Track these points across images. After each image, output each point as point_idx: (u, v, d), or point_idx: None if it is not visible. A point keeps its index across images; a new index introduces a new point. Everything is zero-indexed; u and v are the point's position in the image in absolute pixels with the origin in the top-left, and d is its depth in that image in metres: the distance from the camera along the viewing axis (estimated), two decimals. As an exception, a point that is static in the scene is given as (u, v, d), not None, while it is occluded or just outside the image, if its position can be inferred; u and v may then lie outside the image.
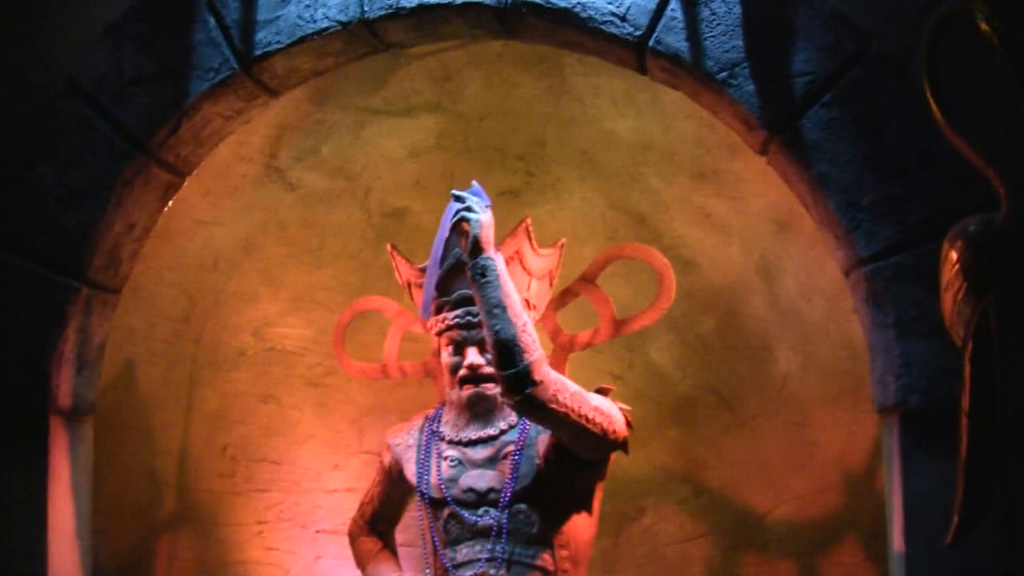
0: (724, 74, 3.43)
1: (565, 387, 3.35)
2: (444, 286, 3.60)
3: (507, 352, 3.29)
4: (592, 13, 3.46)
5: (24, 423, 3.69)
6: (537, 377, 3.28)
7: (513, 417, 3.60)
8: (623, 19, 3.46)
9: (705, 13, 3.43)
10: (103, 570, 4.33)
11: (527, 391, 3.27)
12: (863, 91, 3.34)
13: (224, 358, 4.70)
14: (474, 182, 3.52)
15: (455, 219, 3.41)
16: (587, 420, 3.37)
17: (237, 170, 4.62)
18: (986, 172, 2.69)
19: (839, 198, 3.35)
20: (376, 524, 3.98)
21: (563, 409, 3.32)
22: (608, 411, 3.46)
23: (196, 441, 4.70)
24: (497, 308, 3.31)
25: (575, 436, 3.42)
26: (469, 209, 3.39)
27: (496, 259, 3.35)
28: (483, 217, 3.38)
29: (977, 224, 2.67)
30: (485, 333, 3.36)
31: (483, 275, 3.33)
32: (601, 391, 3.53)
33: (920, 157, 3.30)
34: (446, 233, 3.48)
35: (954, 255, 2.65)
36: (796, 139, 3.39)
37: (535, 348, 3.31)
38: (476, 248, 3.35)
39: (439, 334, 3.66)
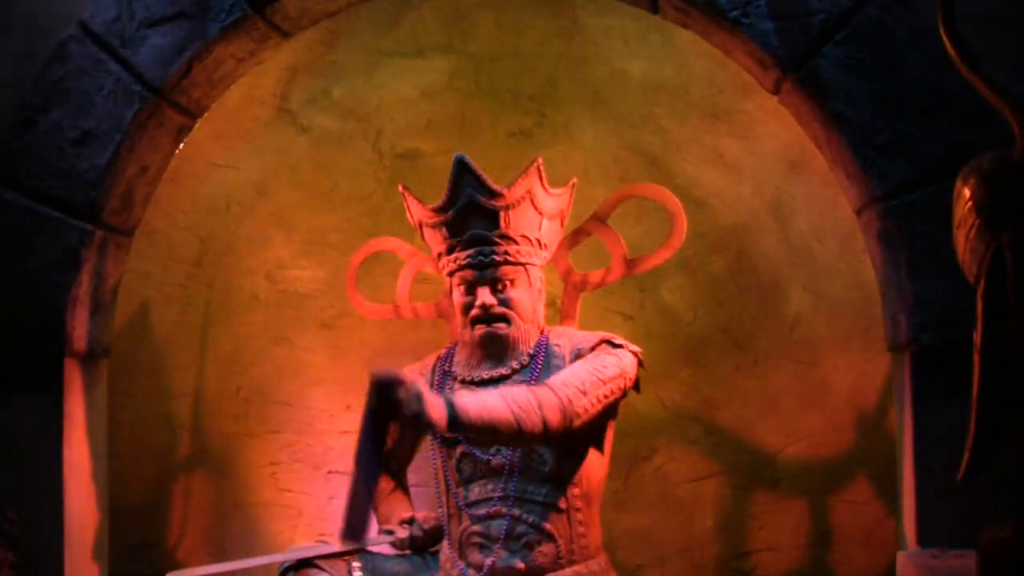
0: (737, 12, 3.41)
1: (577, 392, 3.37)
2: (456, 226, 3.60)
3: (526, 444, 3.41)
4: (604, -48, 3.44)
5: (40, 366, 3.71)
6: (555, 425, 3.30)
7: (525, 356, 3.62)
8: (635, -43, 3.45)
9: (718, -49, 3.42)
10: (120, 511, 4.36)
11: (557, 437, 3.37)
12: (877, 29, 3.33)
13: (237, 301, 4.72)
14: (373, 373, 3.07)
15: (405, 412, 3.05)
16: (607, 397, 3.45)
17: (249, 112, 4.62)
18: (1001, 109, 2.69)
19: (852, 137, 3.34)
20: (389, 464, 4.01)
21: (589, 414, 3.39)
22: (620, 370, 3.50)
23: (210, 383, 4.73)
24: (491, 435, 3.28)
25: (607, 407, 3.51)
26: (401, 402, 3.06)
27: (451, 402, 3.16)
28: (418, 402, 3.06)
29: (991, 161, 2.66)
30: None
31: (460, 431, 3.25)
32: (608, 342, 3.56)
33: (934, 95, 3.29)
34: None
35: (967, 192, 2.64)
36: (810, 78, 3.38)
37: (534, 412, 3.26)
38: (430, 426, 3.12)
39: (451, 274, 3.67)
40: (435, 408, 3.10)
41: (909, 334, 3.31)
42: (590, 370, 3.43)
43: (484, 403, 3.23)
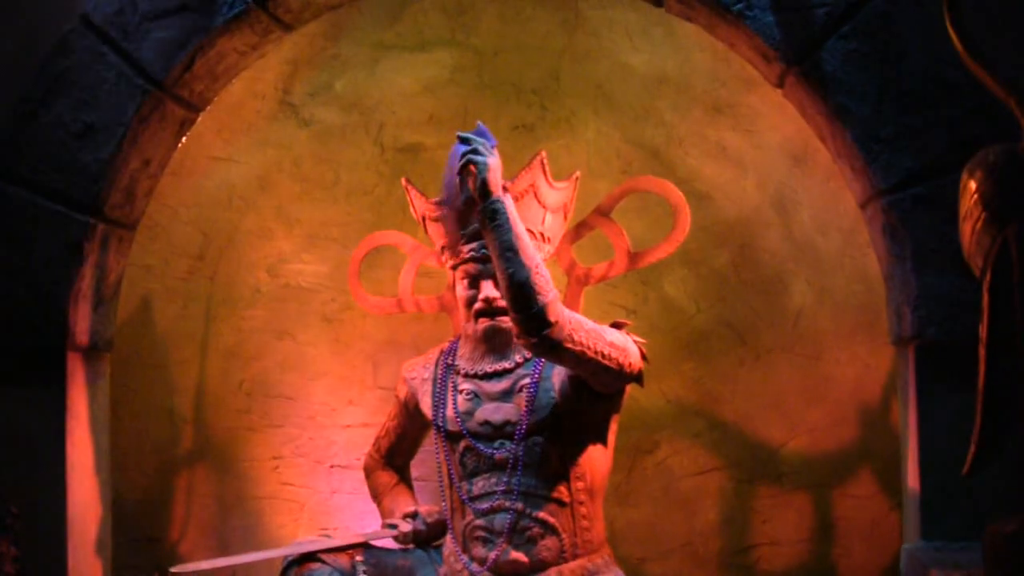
0: (740, 5, 3.41)
1: (580, 325, 3.32)
2: (459, 220, 3.59)
3: (521, 294, 3.23)
4: (607, -56, 3.44)
5: (42, 360, 3.71)
6: (552, 318, 3.23)
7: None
8: (639, -50, 3.44)
9: (721, -57, 3.42)
10: (123, 505, 4.36)
11: (542, 332, 3.24)
12: (882, 22, 3.33)
13: (239, 295, 4.71)
14: (479, 123, 3.39)
15: (462, 163, 3.27)
16: (603, 356, 3.36)
17: (251, 106, 4.61)
18: (1006, 102, 2.69)
19: (857, 130, 3.34)
20: (392, 458, 4.01)
21: (579, 348, 3.30)
22: (623, 345, 3.45)
23: (212, 377, 4.72)
24: (509, 251, 3.23)
25: (591, 373, 3.42)
26: (475, 152, 3.26)
27: (505, 200, 3.27)
28: (490, 160, 3.26)
29: (996, 154, 2.66)
30: (498, 276, 3.29)
31: (493, 219, 3.25)
32: (617, 325, 3.53)
33: (939, 88, 3.29)
34: (454, 176, 3.39)
35: (973, 185, 2.64)
36: (814, 71, 3.38)
37: (549, 289, 3.25)
38: (484, 191, 3.25)
39: (454, 268, 3.66)
40: (497, 176, 3.27)
41: (913, 328, 3.31)
42: (595, 326, 3.40)
43: (523, 233, 3.29)
